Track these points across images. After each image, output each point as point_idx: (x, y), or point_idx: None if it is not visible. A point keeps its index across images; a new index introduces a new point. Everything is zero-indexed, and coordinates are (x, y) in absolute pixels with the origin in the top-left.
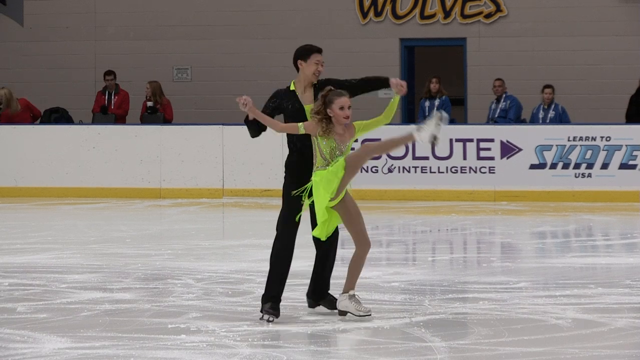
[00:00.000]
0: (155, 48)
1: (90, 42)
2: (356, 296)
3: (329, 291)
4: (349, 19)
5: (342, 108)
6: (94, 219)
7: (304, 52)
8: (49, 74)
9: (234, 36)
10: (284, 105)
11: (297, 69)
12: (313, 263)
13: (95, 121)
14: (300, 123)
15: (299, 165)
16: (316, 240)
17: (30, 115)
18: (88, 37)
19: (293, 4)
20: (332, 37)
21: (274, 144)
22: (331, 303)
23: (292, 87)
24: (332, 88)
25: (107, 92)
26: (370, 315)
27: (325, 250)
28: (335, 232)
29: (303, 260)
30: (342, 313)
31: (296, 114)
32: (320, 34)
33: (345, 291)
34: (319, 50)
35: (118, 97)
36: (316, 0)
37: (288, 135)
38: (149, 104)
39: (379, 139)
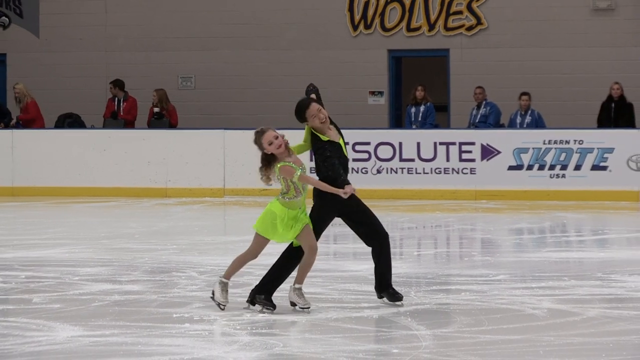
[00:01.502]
0: (161, 58)
1: (101, 52)
2: (301, 290)
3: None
4: (341, 31)
5: (270, 143)
6: (105, 216)
7: (300, 116)
8: (63, 82)
9: (235, 47)
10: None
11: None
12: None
13: (106, 126)
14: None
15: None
16: (369, 238)
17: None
18: (100, 48)
19: (289, 18)
20: (325, 48)
21: None
22: (391, 296)
23: (323, 138)
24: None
25: (116, 99)
26: (309, 308)
27: (377, 248)
28: (383, 234)
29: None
30: (292, 304)
31: (335, 151)
32: (314, 45)
33: (295, 283)
34: (308, 104)
35: (127, 104)
36: (310, 13)
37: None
38: (156, 110)
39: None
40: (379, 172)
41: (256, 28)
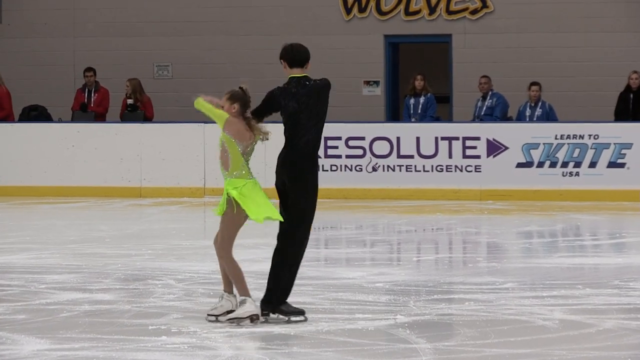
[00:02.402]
0: (135, 45)
1: (69, 38)
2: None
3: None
4: (333, 15)
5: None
6: (73, 218)
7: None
8: (28, 71)
9: (215, 32)
10: None
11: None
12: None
13: (74, 119)
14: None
15: None
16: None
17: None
18: (67, 33)
19: (278, 1)
20: (315, 33)
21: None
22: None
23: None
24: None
25: (87, 90)
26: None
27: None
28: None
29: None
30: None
31: None
32: (303, 31)
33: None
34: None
35: (98, 95)
36: None
37: None
38: (129, 101)
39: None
40: (374, 170)
41: (239, 12)
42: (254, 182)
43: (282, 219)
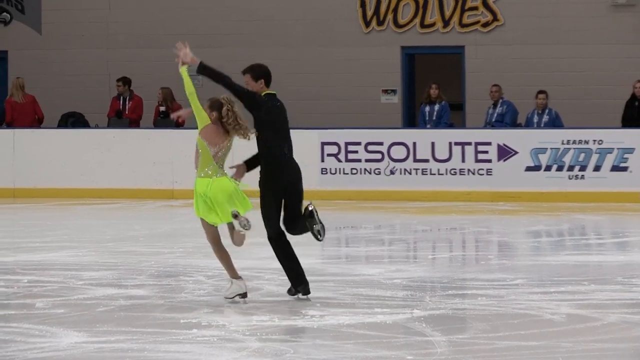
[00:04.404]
0: (165, 55)
1: (102, 49)
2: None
3: None
4: (352, 28)
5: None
6: (109, 218)
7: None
8: (66, 80)
9: (240, 44)
10: None
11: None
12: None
13: (110, 125)
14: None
15: None
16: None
17: (34, 112)
18: (101, 44)
19: (296, 14)
20: (335, 45)
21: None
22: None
23: None
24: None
25: (121, 98)
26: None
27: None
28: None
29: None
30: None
31: None
32: (323, 42)
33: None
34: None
35: (132, 103)
36: (320, 9)
37: None
38: (161, 109)
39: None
40: (392, 173)
41: (262, 25)
42: (219, 180)
43: (247, 210)
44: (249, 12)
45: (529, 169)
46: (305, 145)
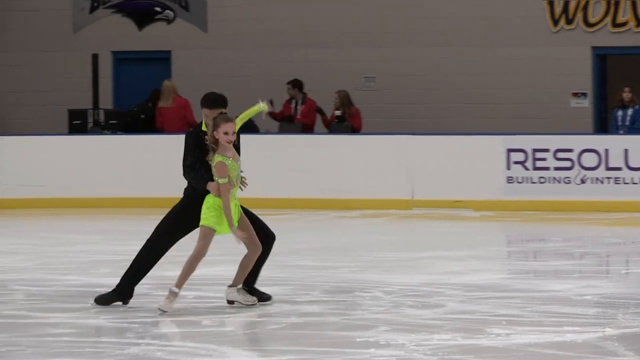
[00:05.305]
0: (341, 56)
1: (269, 48)
2: (243, 288)
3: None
4: (540, 26)
5: (226, 133)
6: (277, 229)
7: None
8: (230, 82)
9: (415, 44)
10: None
11: None
12: None
13: (281, 130)
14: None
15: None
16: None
17: (183, 117)
18: (267, 44)
19: (481, 11)
20: (521, 44)
21: (467, 152)
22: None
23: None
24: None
25: (294, 102)
26: (256, 304)
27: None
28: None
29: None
30: (230, 302)
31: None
32: (507, 41)
33: (234, 285)
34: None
35: (305, 106)
36: (505, 7)
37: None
38: (337, 113)
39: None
40: (582, 182)
41: (442, 22)
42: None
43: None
44: (425, 10)
45: None
46: (487, 152)
